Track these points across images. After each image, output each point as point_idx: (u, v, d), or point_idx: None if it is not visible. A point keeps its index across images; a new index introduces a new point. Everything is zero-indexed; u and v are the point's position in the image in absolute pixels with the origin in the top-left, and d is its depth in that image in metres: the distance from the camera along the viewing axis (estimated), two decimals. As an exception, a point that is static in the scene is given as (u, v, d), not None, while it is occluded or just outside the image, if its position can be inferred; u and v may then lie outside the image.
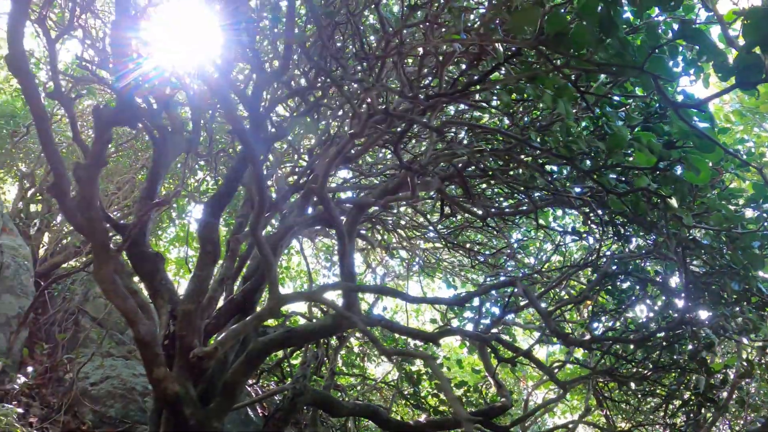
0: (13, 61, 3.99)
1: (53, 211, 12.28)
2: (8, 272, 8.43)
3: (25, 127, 12.46)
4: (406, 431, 7.11)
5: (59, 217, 12.77)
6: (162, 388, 4.85)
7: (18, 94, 12.99)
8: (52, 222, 12.69)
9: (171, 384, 4.88)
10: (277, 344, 5.42)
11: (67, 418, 6.85)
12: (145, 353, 4.80)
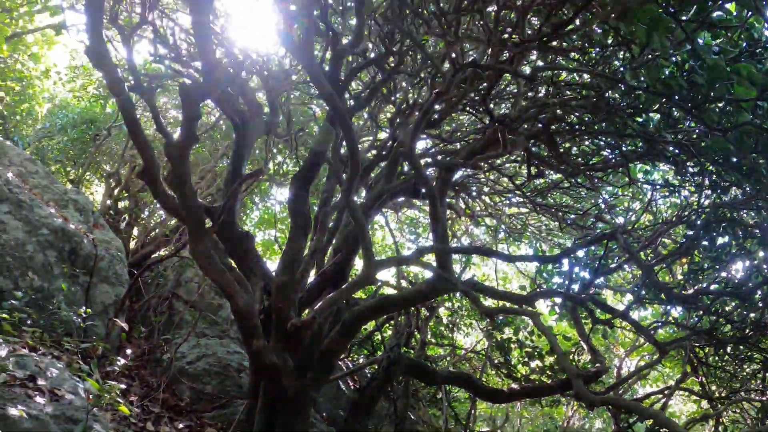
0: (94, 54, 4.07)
1: (140, 206, 12.74)
2: (103, 263, 8.67)
3: (105, 129, 12.95)
4: (500, 398, 7.01)
5: (146, 211, 13.26)
6: (260, 359, 4.92)
7: (96, 99, 13.54)
8: (141, 216, 13.15)
9: (269, 355, 4.93)
10: (372, 312, 5.41)
11: (166, 396, 7.05)
12: (243, 325, 4.87)
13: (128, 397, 6.72)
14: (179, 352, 7.85)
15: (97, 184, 15.37)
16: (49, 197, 8.87)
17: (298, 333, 4.89)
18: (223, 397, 7.37)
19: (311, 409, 5.45)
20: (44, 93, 14.28)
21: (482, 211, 9.87)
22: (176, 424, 6.56)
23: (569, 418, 12.72)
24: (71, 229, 8.24)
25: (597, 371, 6.61)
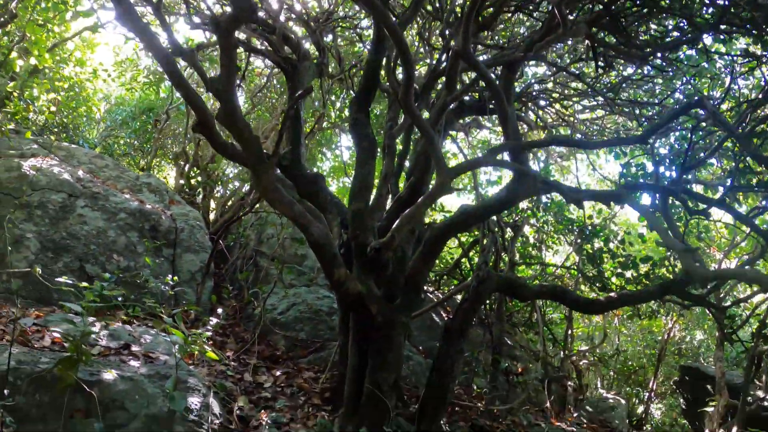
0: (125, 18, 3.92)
1: (213, 178, 12.90)
2: (183, 234, 8.89)
3: (164, 113, 13.16)
4: (596, 308, 6.72)
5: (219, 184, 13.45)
6: (345, 290, 4.82)
7: (148, 86, 13.76)
8: (215, 188, 13.34)
9: (353, 284, 4.83)
10: (453, 227, 5.21)
11: (261, 348, 7.13)
12: (322, 255, 4.76)
13: (225, 352, 6.83)
14: (269, 305, 7.93)
15: (168, 168, 15.73)
16: (123, 185, 9.17)
17: (379, 256, 4.76)
18: (317, 341, 7.40)
19: (404, 337, 5.33)
20: (98, 94, 14.59)
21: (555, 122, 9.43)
22: (273, 371, 6.62)
23: (669, 330, 12.26)
24: (148, 209, 8.54)
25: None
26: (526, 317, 10.05)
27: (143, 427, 4.24)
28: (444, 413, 5.77)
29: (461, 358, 5.58)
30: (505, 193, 5.12)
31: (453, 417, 6.88)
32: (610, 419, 9.49)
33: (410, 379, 7.35)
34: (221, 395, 5.30)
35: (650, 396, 12.04)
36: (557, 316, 11.34)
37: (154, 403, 4.36)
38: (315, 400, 5.98)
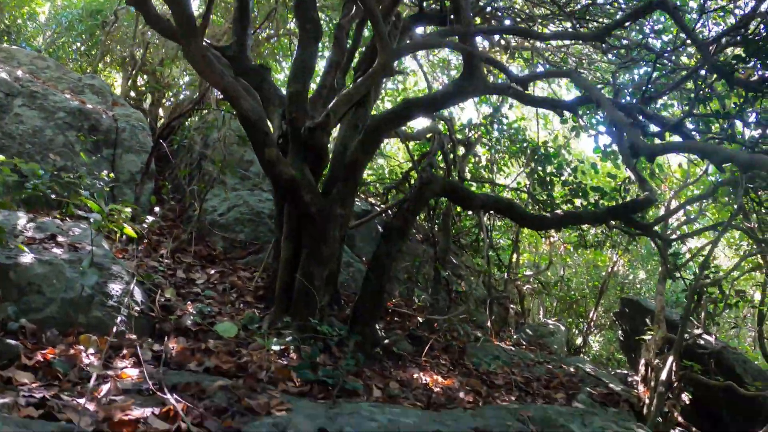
0: None
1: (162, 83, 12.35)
2: (125, 135, 8.55)
3: (112, 15, 12.52)
4: (544, 224, 6.63)
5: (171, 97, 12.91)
6: (276, 173, 4.56)
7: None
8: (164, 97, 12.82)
9: (285, 168, 4.58)
10: (396, 116, 4.98)
11: (198, 248, 6.88)
12: (252, 133, 4.49)
13: (159, 250, 6.56)
14: (210, 206, 7.70)
15: (116, 76, 15.10)
16: (64, 86, 8.81)
17: (313, 136, 4.51)
18: (256, 243, 7.20)
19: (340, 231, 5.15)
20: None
21: (518, 45, 9.13)
22: (208, 270, 6.40)
23: (614, 264, 12.40)
24: (89, 108, 8.17)
25: (646, 198, 6.14)
26: (473, 238, 9.98)
27: (59, 311, 4.04)
28: (379, 314, 5.66)
29: (399, 258, 5.45)
30: (453, 88, 4.90)
31: (391, 325, 6.80)
32: (549, 343, 9.60)
33: (349, 285, 7.21)
34: (147, 285, 5.06)
35: (590, 326, 12.24)
36: (505, 242, 11.32)
37: (72, 288, 4.15)
38: (248, 297, 5.79)
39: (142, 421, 2.69)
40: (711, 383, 7.17)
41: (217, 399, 3.15)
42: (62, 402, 2.74)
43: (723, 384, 7.11)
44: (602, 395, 7.10)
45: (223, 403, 3.09)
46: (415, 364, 5.85)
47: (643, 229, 7.05)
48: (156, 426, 2.67)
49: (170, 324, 4.51)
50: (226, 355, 4.06)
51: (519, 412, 4.24)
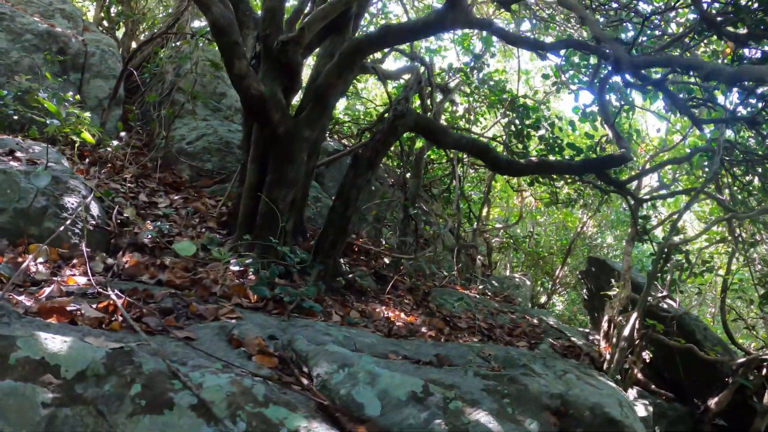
0: None
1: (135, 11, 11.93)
2: (93, 59, 8.29)
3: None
4: (516, 169, 6.51)
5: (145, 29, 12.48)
6: (245, 87, 4.38)
7: None
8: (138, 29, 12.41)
9: (255, 83, 4.40)
10: (373, 42, 4.79)
11: (163, 175, 6.68)
12: (222, 42, 4.29)
13: (122, 176, 6.36)
14: (179, 135, 7.50)
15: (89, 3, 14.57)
16: (33, 10, 8.49)
17: (286, 50, 4.33)
18: (223, 172, 7.02)
19: (308, 155, 5.01)
20: None
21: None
22: (172, 196, 6.22)
23: (583, 224, 12.46)
24: (57, 31, 7.88)
25: (621, 155, 6.08)
26: (444, 187, 9.88)
27: (11, 221, 3.88)
28: (343, 246, 5.55)
29: (366, 189, 5.31)
30: (433, 16, 4.72)
31: (356, 263, 6.71)
32: (513, 296, 9.62)
33: (316, 220, 7.10)
34: (106, 203, 4.89)
35: (555, 284, 12.33)
36: (476, 196, 11.26)
37: (26, 198, 3.98)
38: (210, 223, 5.64)
39: (76, 311, 2.57)
40: (672, 344, 7.22)
41: (163, 303, 3.03)
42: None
43: (684, 345, 7.16)
44: (564, 347, 7.12)
45: (169, 306, 2.97)
46: (378, 300, 5.79)
47: (617, 185, 7.01)
48: (89, 314, 2.55)
49: (126, 239, 4.34)
50: (181, 271, 3.92)
51: (481, 350, 4.21)
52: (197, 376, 2.25)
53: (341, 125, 10.50)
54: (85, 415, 2.01)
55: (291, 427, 2.10)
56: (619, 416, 3.45)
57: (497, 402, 2.69)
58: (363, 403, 2.43)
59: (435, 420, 2.38)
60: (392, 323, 4.92)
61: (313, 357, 2.73)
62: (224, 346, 2.68)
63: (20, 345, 2.15)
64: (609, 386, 4.01)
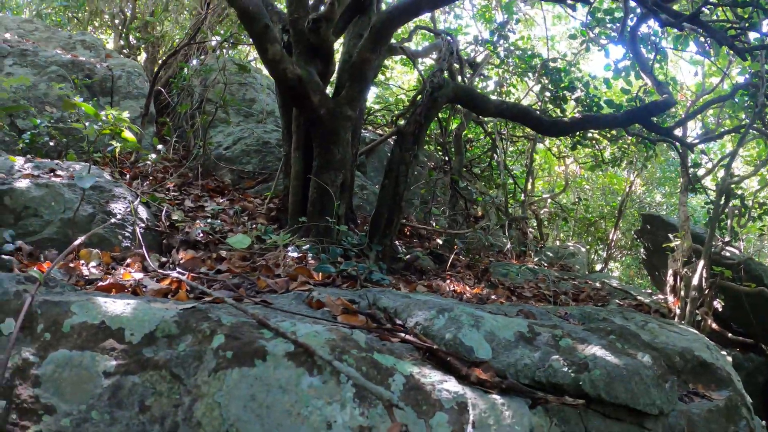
0: None
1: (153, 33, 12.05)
2: (121, 81, 8.38)
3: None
4: (560, 128, 6.33)
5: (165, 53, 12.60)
6: (281, 72, 4.28)
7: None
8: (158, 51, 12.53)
9: (291, 66, 4.31)
10: (403, 12, 4.66)
11: (205, 182, 6.66)
12: (252, 28, 4.19)
13: (166, 186, 6.34)
14: (216, 142, 7.52)
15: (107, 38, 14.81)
16: (55, 45, 8.68)
17: (318, 30, 4.23)
18: (265, 172, 6.98)
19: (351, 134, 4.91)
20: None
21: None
22: (217, 199, 6.18)
23: (630, 184, 12.14)
24: (81, 60, 7.99)
25: (665, 101, 5.88)
26: (485, 164, 9.70)
27: (58, 231, 3.86)
28: (398, 224, 5.41)
29: (414, 165, 5.19)
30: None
31: (411, 245, 6.60)
32: (570, 264, 9.40)
33: (364, 207, 7.00)
34: (153, 208, 4.85)
35: (610, 247, 12.04)
36: (518, 171, 11.06)
37: (71, 209, 3.96)
38: (260, 219, 5.57)
39: (137, 285, 2.48)
40: (743, 289, 6.96)
41: (229, 282, 2.94)
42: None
43: (756, 290, 6.89)
44: (632, 306, 6.91)
45: (235, 282, 2.88)
46: (439, 278, 5.66)
47: (664, 133, 6.78)
48: (153, 287, 2.45)
49: (178, 237, 4.28)
50: (239, 261, 3.84)
51: (557, 310, 4.07)
52: (288, 325, 2.05)
53: (374, 115, 10.40)
54: (157, 381, 1.82)
55: (405, 371, 1.93)
56: (711, 359, 3.29)
57: (605, 339, 2.55)
58: (472, 347, 2.28)
59: (552, 357, 2.24)
60: (460, 294, 4.79)
61: (403, 310, 2.59)
62: (305, 309, 2.53)
63: (75, 310, 1.97)
64: (691, 332, 3.85)
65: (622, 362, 2.28)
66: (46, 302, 2.02)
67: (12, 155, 5.54)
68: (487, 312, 2.61)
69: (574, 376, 2.19)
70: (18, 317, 1.92)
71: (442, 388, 1.94)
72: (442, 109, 8.37)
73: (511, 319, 2.51)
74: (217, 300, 2.35)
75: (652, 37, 7.86)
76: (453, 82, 5.56)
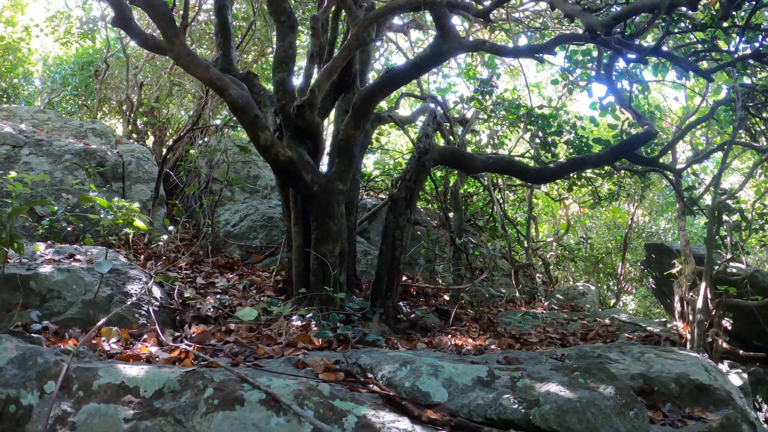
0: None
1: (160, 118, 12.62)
2: (131, 167, 8.80)
3: (103, 63, 12.89)
4: (547, 175, 6.59)
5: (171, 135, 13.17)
6: (274, 156, 4.66)
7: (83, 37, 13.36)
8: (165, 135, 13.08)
9: (282, 150, 4.68)
10: (381, 87, 5.03)
11: (215, 258, 7.00)
12: (243, 119, 4.59)
13: (178, 265, 6.68)
14: (223, 220, 7.87)
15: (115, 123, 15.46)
16: (67, 133, 9.15)
17: (302, 114, 4.60)
18: (272, 246, 7.31)
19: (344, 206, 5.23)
20: (33, 54, 14.22)
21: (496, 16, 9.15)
22: (227, 275, 6.50)
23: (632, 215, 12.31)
24: (93, 148, 8.43)
25: (646, 132, 6.13)
26: (487, 216, 9.98)
27: (80, 311, 4.16)
28: (398, 285, 5.69)
29: (409, 228, 5.49)
30: (429, 50, 4.94)
31: (416, 304, 6.81)
32: (580, 304, 9.52)
33: (369, 272, 7.28)
34: (166, 287, 5.17)
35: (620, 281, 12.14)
36: (521, 218, 11.31)
37: (91, 291, 4.28)
38: (268, 292, 5.86)
39: (151, 356, 2.86)
40: (750, 303, 6.97)
41: (231, 351, 3.28)
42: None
43: (763, 302, 6.92)
44: (641, 338, 7.02)
45: (236, 351, 3.21)
46: (443, 334, 5.86)
47: (650, 163, 7.02)
48: (163, 357, 2.83)
49: (190, 313, 4.59)
50: (246, 332, 4.14)
51: (554, 352, 4.26)
52: (264, 380, 2.53)
53: (374, 180, 10.77)
54: (164, 425, 2.34)
55: (358, 413, 2.32)
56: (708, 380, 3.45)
57: (567, 376, 2.79)
58: (429, 392, 2.64)
59: (503, 396, 2.52)
60: (461, 348, 5.00)
61: (376, 365, 2.96)
62: (291, 369, 2.96)
63: (102, 374, 2.52)
64: (691, 356, 4.00)
65: (577, 395, 2.52)
66: (79, 368, 2.62)
67: (32, 241, 5.96)
68: (449, 362, 2.89)
69: (524, 411, 2.46)
70: (58, 380, 2.52)
71: (393, 427, 2.30)
72: (439, 168, 8.72)
73: (471, 365, 2.82)
74: (212, 364, 2.83)
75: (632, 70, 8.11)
76: (439, 146, 5.90)
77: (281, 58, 5.17)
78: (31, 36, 12.86)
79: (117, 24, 4.83)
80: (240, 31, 10.64)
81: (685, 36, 7.38)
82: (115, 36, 13.01)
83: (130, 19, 4.81)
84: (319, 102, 4.76)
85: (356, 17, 4.33)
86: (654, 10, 4.24)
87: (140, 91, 12.50)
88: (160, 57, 12.71)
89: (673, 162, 8.96)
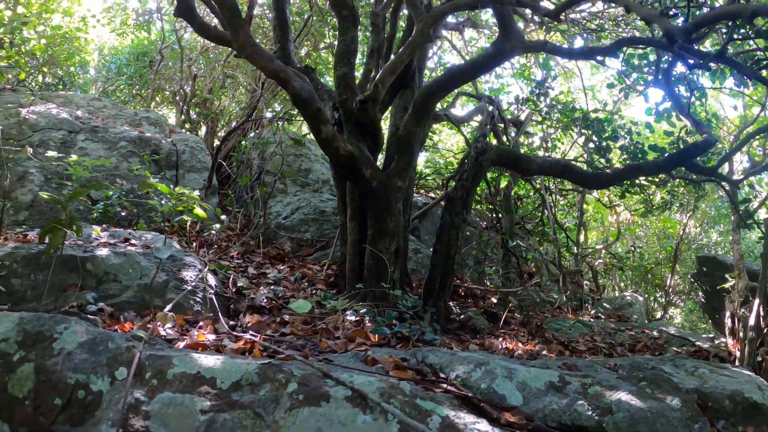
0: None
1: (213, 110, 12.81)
2: (185, 156, 8.91)
3: (158, 54, 13.11)
4: (603, 180, 6.47)
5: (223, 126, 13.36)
6: (334, 149, 4.66)
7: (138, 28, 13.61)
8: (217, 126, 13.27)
9: (343, 144, 4.68)
10: (442, 85, 5.01)
11: (266, 249, 7.06)
12: (306, 111, 4.60)
13: (230, 254, 6.75)
14: (275, 212, 7.94)
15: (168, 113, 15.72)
16: (122, 121, 9.29)
17: (365, 109, 4.59)
18: (323, 240, 7.34)
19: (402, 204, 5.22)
20: (90, 44, 14.53)
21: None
22: (278, 266, 6.55)
23: (684, 226, 12.03)
24: (148, 136, 8.59)
25: (705, 141, 5.98)
26: (537, 219, 9.86)
27: (136, 295, 4.20)
28: (451, 286, 5.65)
29: (464, 228, 5.44)
30: (491, 49, 4.90)
31: (465, 305, 6.78)
32: (627, 314, 9.36)
33: (419, 271, 7.26)
34: (220, 275, 5.23)
35: (669, 293, 11.88)
36: (570, 223, 11.16)
37: (147, 275, 4.33)
38: (319, 285, 5.89)
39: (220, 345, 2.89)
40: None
41: (297, 344, 3.29)
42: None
43: (820, 321, 6.72)
44: (690, 353, 6.85)
45: (300, 343, 3.22)
46: (493, 336, 5.82)
47: (707, 173, 6.85)
48: (232, 347, 2.85)
49: (245, 303, 4.63)
50: (301, 324, 4.15)
51: (606, 362, 4.19)
52: (346, 376, 2.50)
53: (425, 179, 10.75)
54: (243, 418, 2.29)
55: (441, 413, 2.30)
56: (761, 399, 3.37)
57: (635, 385, 2.78)
58: (504, 395, 2.63)
59: (577, 402, 2.49)
60: (512, 351, 4.95)
61: (447, 365, 2.95)
62: (361, 365, 2.94)
63: (176, 363, 2.48)
64: (744, 374, 3.91)
65: (647, 405, 2.50)
66: (152, 356, 2.58)
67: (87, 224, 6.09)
68: (520, 365, 2.86)
69: (597, 419, 2.46)
70: (131, 367, 2.48)
71: (474, 428, 2.28)
72: (491, 170, 8.65)
73: (543, 370, 2.80)
74: (286, 357, 2.80)
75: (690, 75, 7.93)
76: (496, 146, 5.85)
77: (343, 52, 5.18)
78: (88, 26, 13.11)
79: (179, 14, 4.90)
80: (294, 26, 10.72)
81: (744, 43, 7.19)
82: (170, 28, 13.26)
83: (193, 9, 4.87)
84: (382, 97, 4.75)
85: (421, 14, 4.30)
86: (736, 18, 4.10)
87: (194, 82, 12.68)
88: (213, 49, 12.94)
89: (729, 173, 8.72)
